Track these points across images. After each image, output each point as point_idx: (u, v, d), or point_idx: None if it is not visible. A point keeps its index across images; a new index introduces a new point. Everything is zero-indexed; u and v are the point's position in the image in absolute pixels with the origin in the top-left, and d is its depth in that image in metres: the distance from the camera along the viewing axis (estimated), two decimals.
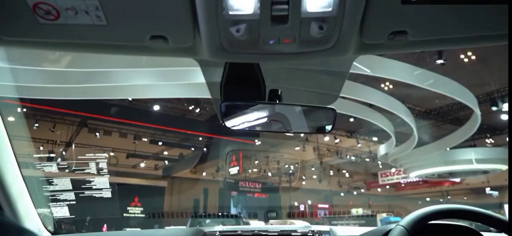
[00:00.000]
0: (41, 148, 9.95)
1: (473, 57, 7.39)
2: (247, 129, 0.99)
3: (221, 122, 0.98)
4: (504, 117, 9.39)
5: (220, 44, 0.70)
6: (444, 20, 0.68)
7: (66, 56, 5.34)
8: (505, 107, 8.26)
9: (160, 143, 13.09)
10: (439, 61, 7.01)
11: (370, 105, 8.61)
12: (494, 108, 8.53)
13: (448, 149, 11.19)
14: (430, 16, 0.67)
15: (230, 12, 0.62)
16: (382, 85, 8.20)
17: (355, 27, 0.67)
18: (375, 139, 13.03)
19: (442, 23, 0.69)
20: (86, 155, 2.19)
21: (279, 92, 0.96)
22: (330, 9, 0.62)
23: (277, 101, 0.96)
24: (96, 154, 2.23)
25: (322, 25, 0.64)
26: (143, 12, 0.64)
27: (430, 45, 0.78)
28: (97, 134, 11.39)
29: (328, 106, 0.93)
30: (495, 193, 15.35)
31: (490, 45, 0.77)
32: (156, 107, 10.29)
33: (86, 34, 0.69)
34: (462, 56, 7.36)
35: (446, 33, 0.73)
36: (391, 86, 8.21)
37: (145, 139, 12.82)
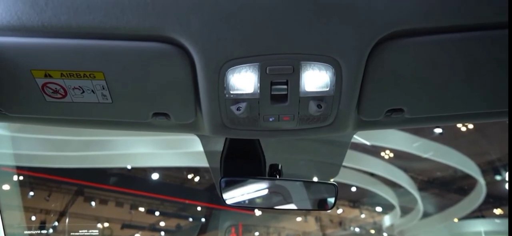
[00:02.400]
0: (34, 218, 9.57)
1: (471, 126, 7.49)
2: (246, 205, 0.97)
3: (220, 197, 0.95)
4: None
5: (221, 121, 0.71)
6: (440, 98, 0.70)
7: None
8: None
9: (157, 213, 12.62)
10: (438, 130, 7.09)
11: (372, 174, 8.49)
12: (498, 177, 8.39)
13: (456, 220, 10.74)
14: (425, 95, 0.69)
15: (231, 92, 0.65)
16: (383, 154, 8.18)
17: (352, 105, 0.69)
18: (379, 209, 12.60)
19: (438, 101, 0.71)
20: (79, 228, 2.10)
21: (280, 167, 0.95)
22: (327, 89, 0.64)
23: (278, 176, 0.94)
24: (89, 226, 2.13)
25: (320, 104, 0.66)
26: (146, 91, 0.66)
27: (427, 122, 0.79)
28: (93, 203, 11.05)
29: (330, 182, 0.92)
30: None
31: (486, 122, 0.78)
32: (155, 176, 10.14)
33: (90, 111, 0.71)
34: (459, 125, 7.47)
35: (442, 111, 0.74)
36: (391, 155, 8.19)
37: (142, 209, 12.39)
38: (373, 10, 0.55)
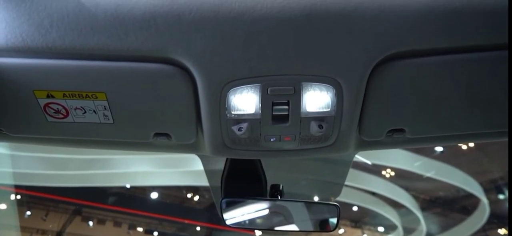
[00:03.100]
0: None
1: (472, 145, 7.47)
2: (247, 226, 0.95)
3: (221, 217, 0.94)
4: None
5: (222, 141, 0.71)
6: (441, 119, 0.70)
7: None
8: None
9: (155, 234, 12.42)
10: (439, 149, 7.08)
11: (373, 194, 8.40)
12: (501, 197, 8.31)
13: None
14: (426, 115, 0.69)
15: (233, 112, 0.65)
16: (384, 172, 8.13)
17: (353, 125, 0.69)
18: (381, 229, 12.40)
19: (439, 121, 0.71)
20: None
21: (281, 187, 0.94)
22: (328, 109, 0.65)
23: (279, 197, 0.93)
24: None
25: (322, 124, 0.66)
26: (148, 111, 0.67)
27: (428, 142, 0.79)
28: (91, 222, 10.89)
29: (331, 202, 0.91)
30: None
31: (487, 142, 0.78)
32: (154, 195, 10.04)
33: (92, 131, 0.71)
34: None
35: (443, 131, 0.74)
36: (392, 174, 8.14)
37: (140, 229, 12.20)
38: (373, 32, 0.55)
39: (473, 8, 0.55)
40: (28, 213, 9.51)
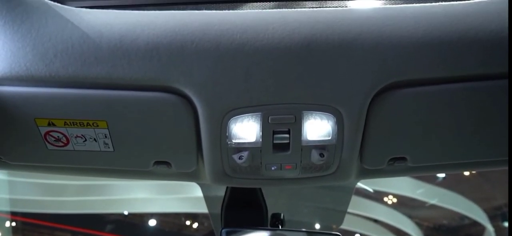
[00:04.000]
0: None
1: (474, 171, 7.41)
2: None
3: None
4: None
5: (222, 170, 0.70)
6: (442, 147, 0.70)
7: None
8: None
9: None
10: (441, 175, 7.01)
11: (375, 221, 8.24)
12: (506, 224, 8.14)
13: None
14: (428, 144, 0.69)
15: (234, 140, 0.65)
16: (386, 199, 8.00)
17: (354, 154, 0.68)
18: None
19: (440, 150, 0.70)
20: None
21: (282, 216, 0.93)
22: (329, 138, 0.65)
23: (280, 226, 0.92)
24: None
25: (323, 152, 0.66)
26: (148, 140, 0.66)
27: (431, 170, 0.78)
28: None
29: (333, 233, 0.89)
30: None
31: (489, 170, 0.77)
32: (152, 222, 9.84)
33: (91, 159, 0.70)
34: None
35: (445, 159, 0.74)
36: (395, 200, 8.01)
37: None
38: (372, 62, 0.56)
39: (471, 38, 0.56)
40: None
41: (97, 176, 0.79)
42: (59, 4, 0.58)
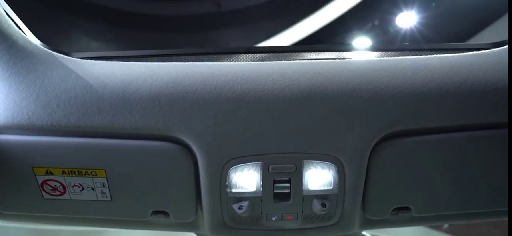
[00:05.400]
0: None
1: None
2: None
3: None
4: None
5: (222, 220, 0.68)
6: (447, 196, 0.68)
7: None
8: None
9: None
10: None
11: None
12: None
13: None
14: (432, 193, 0.67)
15: (233, 190, 0.64)
16: None
17: (357, 204, 0.67)
18: None
19: (445, 199, 0.69)
20: None
21: None
22: (331, 187, 0.64)
23: None
24: None
25: (324, 202, 0.64)
26: (147, 189, 0.65)
27: (436, 220, 0.76)
28: None
29: None
30: None
31: (494, 220, 0.76)
32: None
33: (88, 209, 0.68)
34: None
35: (450, 209, 0.72)
36: None
37: None
38: (371, 112, 0.57)
39: (467, 88, 0.57)
40: None
41: (93, 226, 0.77)
42: (64, 56, 0.59)
